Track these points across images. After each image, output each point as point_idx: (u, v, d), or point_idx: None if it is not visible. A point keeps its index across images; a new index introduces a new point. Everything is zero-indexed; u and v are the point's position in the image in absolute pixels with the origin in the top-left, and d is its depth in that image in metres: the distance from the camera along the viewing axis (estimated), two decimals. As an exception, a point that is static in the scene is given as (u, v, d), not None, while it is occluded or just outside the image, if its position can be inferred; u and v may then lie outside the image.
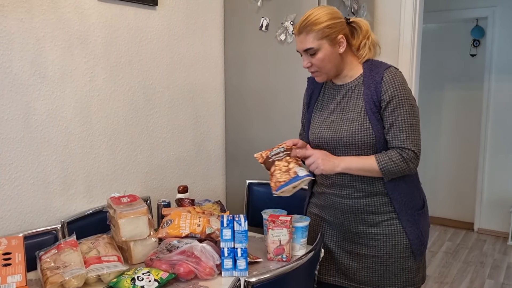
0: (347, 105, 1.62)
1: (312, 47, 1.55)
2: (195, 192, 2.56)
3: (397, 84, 1.54)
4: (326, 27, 1.54)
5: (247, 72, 2.58)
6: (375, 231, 1.65)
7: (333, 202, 1.70)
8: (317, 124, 1.70)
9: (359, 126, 1.57)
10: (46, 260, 1.50)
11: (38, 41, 1.80)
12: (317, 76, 1.63)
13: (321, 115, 1.71)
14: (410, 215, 1.64)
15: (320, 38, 1.54)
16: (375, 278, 1.68)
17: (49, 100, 1.86)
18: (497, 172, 4.43)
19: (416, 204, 1.67)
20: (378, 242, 1.65)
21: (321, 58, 1.56)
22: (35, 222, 1.85)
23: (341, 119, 1.62)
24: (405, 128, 1.53)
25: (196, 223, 1.75)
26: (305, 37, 1.55)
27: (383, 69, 1.57)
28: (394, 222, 1.63)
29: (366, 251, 1.68)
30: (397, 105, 1.53)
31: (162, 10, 2.29)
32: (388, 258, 1.65)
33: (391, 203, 1.62)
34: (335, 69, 1.60)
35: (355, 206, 1.65)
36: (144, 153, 2.27)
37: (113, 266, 1.53)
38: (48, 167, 1.87)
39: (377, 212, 1.64)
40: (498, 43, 4.29)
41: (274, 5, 2.41)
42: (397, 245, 1.64)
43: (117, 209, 1.71)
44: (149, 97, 2.27)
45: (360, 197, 1.64)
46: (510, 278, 3.53)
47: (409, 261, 1.65)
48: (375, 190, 1.62)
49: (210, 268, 1.55)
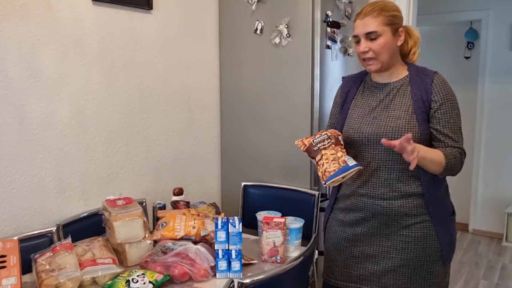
0: (392, 103, 1.64)
1: (376, 31, 1.57)
2: (190, 195, 2.57)
3: (447, 88, 1.61)
4: (392, 16, 1.59)
5: (242, 75, 2.59)
6: (407, 233, 1.62)
7: (364, 204, 1.66)
8: (356, 120, 1.69)
9: (406, 123, 1.58)
10: (41, 263, 1.51)
11: (33, 45, 1.81)
12: (371, 64, 1.62)
13: (361, 111, 1.70)
14: (443, 219, 1.63)
15: (386, 24, 1.57)
16: (401, 281, 1.64)
17: (45, 103, 1.87)
18: (491, 174, 4.45)
19: (447, 209, 1.67)
20: (408, 244, 1.62)
21: (382, 43, 1.57)
22: (31, 225, 1.85)
23: (386, 116, 1.63)
24: (457, 130, 1.62)
25: (191, 225, 1.76)
26: (371, 19, 1.57)
27: (432, 73, 1.63)
28: (427, 225, 1.61)
29: (395, 254, 1.64)
30: (450, 108, 1.60)
31: (157, 14, 2.31)
32: (417, 261, 1.62)
33: (425, 205, 1.61)
34: (389, 60, 1.62)
35: (389, 207, 1.62)
36: (139, 155, 2.28)
37: (108, 268, 1.54)
38: (43, 170, 1.88)
39: (410, 214, 1.61)
40: (491, 45, 4.32)
41: (269, 8, 2.42)
42: (428, 248, 1.61)
43: (112, 212, 1.71)
44: (144, 100, 2.28)
45: (395, 197, 1.61)
46: (505, 279, 3.55)
47: (437, 265, 1.63)
48: (411, 191, 1.61)
49: (205, 270, 1.56)
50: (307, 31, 2.30)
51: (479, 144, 4.47)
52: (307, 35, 2.30)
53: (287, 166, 2.46)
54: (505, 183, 4.39)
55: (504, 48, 4.27)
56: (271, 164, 2.52)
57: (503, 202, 4.40)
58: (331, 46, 2.38)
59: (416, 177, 1.60)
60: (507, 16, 4.21)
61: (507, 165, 4.36)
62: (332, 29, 2.36)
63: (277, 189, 2.41)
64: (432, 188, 1.61)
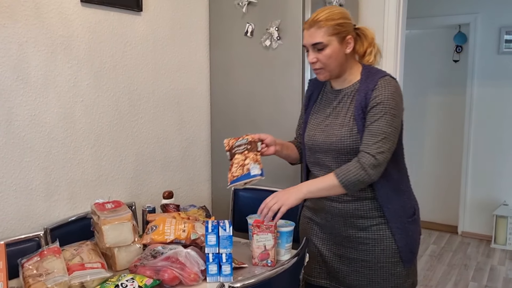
0: (342, 110, 1.64)
1: (321, 42, 1.56)
2: (180, 198, 2.55)
3: (387, 92, 1.54)
4: (338, 25, 1.56)
5: (232, 77, 2.59)
6: (364, 235, 1.66)
7: (324, 205, 1.72)
8: (312, 127, 1.72)
9: (348, 132, 1.59)
10: (29, 268, 1.49)
11: (21, 46, 1.78)
12: (320, 73, 1.63)
13: (317, 118, 1.73)
14: (400, 222, 1.64)
15: (331, 34, 1.56)
16: (364, 282, 1.69)
17: (32, 105, 1.84)
18: (480, 176, 4.49)
19: (406, 212, 1.68)
20: (367, 246, 1.66)
21: (329, 54, 1.57)
22: (18, 229, 1.82)
23: (334, 124, 1.64)
24: (377, 134, 1.53)
25: (181, 229, 1.74)
26: (316, 31, 1.56)
27: (378, 77, 1.58)
28: (382, 227, 1.64)
29: (356, 255, 1.69)
30: (379, 111, 1.54)
31: (147, 16, 2.29)
32: (376, 262, 1.66)
33: (380, 208, 1.63)
34: (338, 69, 1.61)
35: (345, 209, 1.66)
36: (128, 158, 2.26)
37: (96, 273, 1.52)
38: (30, 173, 1.86)
39: (366, 217, 1.65)
40: (480, 49, 4.36)
41: (259, 11, 2.42)
42: (386, 250, 1.65)
43: (101, 215, 1.69)
44: (133, 103, 2.26)
45: (350, 200, 1.65)
46: (493, 281, 3.58)
47: (397, 266, 1.66)
48: (364, 195, 1.63)
49: (195, 274, 1.55)
50: (297, 33, 2.30)
51: (468, 146, 4.50)
52: (297, 38, 2.30)
53: (277, 169, 2.45)
54: (494, 186, 4.43)
55: (492, 51, 4.31)
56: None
57: (492, 205, 4.44)
58: (321, 48, 2.38)
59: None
60: (495, 19, 4.26)
61: (496, 167, 4.41)
62: (323, 32, 2.36)
63: (267, 192, 2.36)
64: (385, 192, 1.62)
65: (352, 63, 1.65)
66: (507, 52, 4.24)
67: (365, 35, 1.65)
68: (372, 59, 1.66)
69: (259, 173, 1.63)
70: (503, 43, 4.24)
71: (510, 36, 4.21)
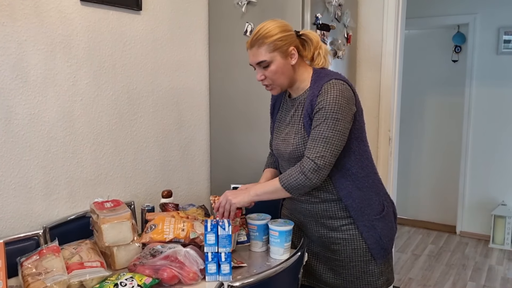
0: (296, 118, 1.66)
1: (264, 60, 1.57)
2: (179, 197, 2.55)
3: (330, 96, 1.53)
4: (277, 40, 1.56)
5: (231, 76, 2.59)
6: (335, 235, 1.70)
7: (296, 206, 1.77)
8: (275, 135, 1.77)
9: (301, 139, 1.61)
10: (28, 266, 1.48)
11: (20, 45, 1.78)
12: (271, 89, 1.66)
13: (279, 126, 1.77)
14: (367, 221, 1.66)
15: (272, 50, 1.56)
16: (339, 280, 1.73)
17: (31, 104, 1.84)
18: (478, 176, 4.50)
19: (374, 209, 1.68)
20: (338, 246, 1.70)
21: (274, 70, 1.58)
22: (17, 228, 1.82)
23: (291, 132, 1.66)
24: (318, 139, 1.54)
25: (180, 228, 1.74)
26: (257, 50, 1.57)
27: (324, 82, 1.57)
28: (351, 227, 1.68)
29: (330, 254, 1.73)
30: (320, 116, 1.54)
31: (146, 15, 2.29)
32: (349, 261, 1.69)
33: (346, 208, 1.66)
34: (288, 81, 1.63)
35: (314, 211, 1.71)
36: (127, 157, 2.26)
37: (96, 271, 1.52)
38: (30, 172, 1.86)
39: (334, 217, 1.68)
40: (478, 49, 4.37)
41: (259, 10, 2.42)
42: (357, 249, 1.68)
43: (100, 214, 1.69)
44: (133, 102, 2.26)
45: (317, 202, 1.69)
46: (491, 280, 3.59)
47: (370, 264, 1.69)
48: (329, 197, 1.67)
49: (194, 273, 1.55)
50: (297, 33, 2.30)
51: (466, 147, 4.51)
52: (297, 38, 2.30)
53: (276, 168, 2.45)
54: (492, 186, 4.44)
55: (491, 51, 4.32)
56: (260, 166, 2.51)
57: (490, 204, 4.45)
58: (320, 48, 2.38)
59: (330, 185, 1.65)
60: (494, 20, 4.27)
61: (494, 167, 4.41)
62: (322, 31, 2.37)
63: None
64: (349, 192, 1.64)
65: (302, 70, 1.65)
66: (506, 52, 4.24)
67: (310, 40, 1.66)
68: (322, 62, 1.67)
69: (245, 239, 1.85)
70: (502, 44, 4.24)
71: (509, 36, 4.22)
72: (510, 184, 4.32)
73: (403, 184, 4.82)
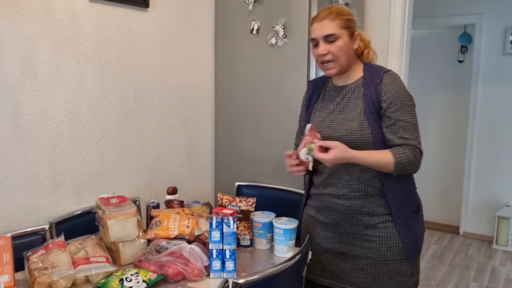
0: (347, 105, 1.68)
1: (334, 34, 1.60)
2: (184, 194, 2.56)
3: (397, 86, 1.61)
4: (349, 20, 1.63)
5: (237, 74, 2.59)
6: (371, 233, 1.67)
7: (330, 203, 1.73)
8: (316, 123, 1.74)
9: (358, 125, 1.62)
10: (34, 261, 1.50)
11: (29, 41, 1.80)
12: (330, 67, 1.65)
13: (320, 115, 1.76)
14: (404, 219, 1.66)
15: (343, 27, 1.61)
16: (369, 280, 1.70)
17: (39, 100, 1.85)
18: (483, 177, 4.49)
19: (411, 208, 1.70)
20: (373, 244, 1.68)
21: (340, 46, 1.61)
22: (23, 222, 1.84)
23: (341, 119, 1.67)
24: (409, 127, 1.59)
25: (185, 225, 1.76)
26: (329, 22, 1.60)
27: (382, 72, 1.64)
28: (389, 225, 1.66)
29: (361, 253, 1.70)
30: (400, 106, 1.59)
31: (153, 12, 2.30)
32: (382, 260, 1.67)
33: (387, 205, 1.65)
34: (347, 63, 1.65)
35: (351, 206, 1.68)
36: (133, 154, 2.28)
37: (101, 267, 1.54)
38: (37, 167, 1.87)
39: (373, 214, 1.66)
40: (485, 49, 4.35)
41: (265, 9, 2.43)
42: (392, 248, 1.66)
43: (106, 210, 1.71)
44: (139, 99, 2.28)
45: (357, 197, 1.66)
46: (494, 281, 3.58)
47: (403, 264, 1.68)
48: (372, 191, 1.65)
49: (199, 269, 1.56)
50: (303, 32, 2.31)
51: (471, 147, 4.50)
52: (303, 36, 2.31)
53: (281, 167, 2.45)
54: (496, 187, 4.43)
55: (497, 52, 4.30)
56: (265, 164, 2.52)
57: (494, 206, 4.44)
58: (327, 47, 2.39)
59: (377, 178, 1.64)
60: (500, 21, 4.25)
61: (498, 168, 4.40)
62: (328, 30, 2.37)
63: (271, 190, 2.42)
64: (393, 187, 1.64)
65: (355, 60, 1.70)
66: (512, 53, 4.23)
67: (363, 39, 1.72)
68: (371, 57, 1.74)
69: (248, 244, 1.88)
70: (508, 44, 4.23)
71: (515, 37, 4.20)
72: (514, 185, 4.32)
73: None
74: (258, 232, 1.87)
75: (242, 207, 1.89)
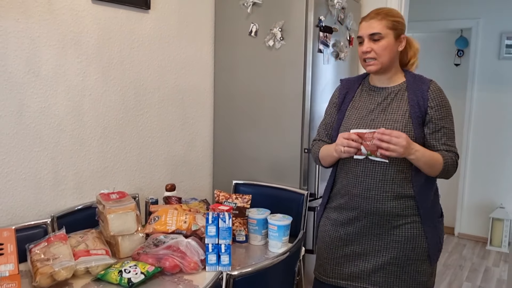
0: (389, 107, 1.69)
1: (379, 32, 1.64)
2: (182, 191, 2.62)
3: (443, 95, 1.68)
4: (396, 21, 1.67)
5: (236, 75, 2.65)
6: (397, 233, 1.67)
7: (357, 204, 1.70)
8: (354, 121, 1.74)
9: (402, 127, 1.64)
10: (36, 252, 1.56)
11: (33, 41, 1.86)
12: (371, 64, 1.68)
13: (359, 113, 1.75)
14: (431, 221, 1.69)
15: (390, 27, 1.65)
16: (391, 279, 1.69)
17: (42, 98, 1.91)
18: (477, 179, 4.55)
19: (437, 211, 1.74)
20: (398, 244, 1.67)
21: (384, 45, 1.65)
22: (26, 216, 1.90)
23: (383, 119, 1.68)
24: (451, 135, 1.67)
25: (183, 220, 1.81)
26: (376, 21, 1.65)
27: (428, 80, 1.70)
28: (416, 226, 1.67)
29: (385, 253, 1.69)
30: (445, 114, 1.66)
31: (154, 14, 2.36)
32: (406, 260, 1.67)
33: (416, 206, 1.66)
34: (389, 63, 1.68)
35: (382, 207, 1.66)
36: (133, 151, 2.33)
37: (101, 259, 1.59)
38: (39, 163, 1.93)
39: (402, 215, 1.66)
40: (481, 53, 4.41)
41: (264, 12, 2.48)
42: (416, 248, 1.67)
43: (106, 205, 1.76)
44: (139, 98, 2.33)
45: (388, 198, 1.65)
46: (487, 281, 3.64)
47: (424, 264, 1.69)
48: (404, 193, 1.65)
49: (195, 262, 1.62)
50: (300, 35, 2.36)
51: (466, 149, 4.56)
52: (300, 39, 2.36)
53: (277, 166, 2.52)
54: (491, 189, 4.49)
55: (493, 56, 4.36)
56: (262, 163, 2.58)
57: (488, 207, 4.49)
58: (323, 50, 2.45)
59: (409, 180, 1.64)
60: (496, 25, 4.31)
61: (493, 171, 4.46)
62: (325, 33, 2.43)
63: (267, 188, 2.47)
64: (423, 190, 1.66)
65: (398, 65, 1.74)
66: (508, 57, 4.28)
67: (411, 45, 1.75)
68: (413, 69, 1.78)
69: (244, 239, 1.94)
70: (504, 48, 4.28)
71: (511, 41, 4.26)
72: (508, 187, 4.37)
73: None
74: (253, 228, 1.92)
75: (238, 204, 1.95)
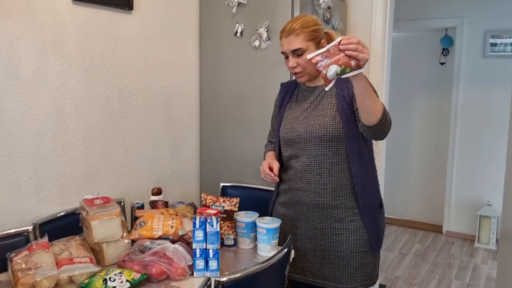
0: (320, 104, 1.78)
1: (300, 48, 1.69)
2: (169, 195, 2.58)
3: None
4: (313, 31, 1.70)
5: (222, 76, 2.62)
6: (339, 226, 1.76)
7: (300, 198, 1.81)
8: (290, 121, 1.84)
9: (331, 120, 1.71)
10: (17, 262, 1.51)
11: (12, 43, 1.80)
12: (300, 76, 1.77)
13: (294, 113, 1.85)
14: (370, 212, 1.77)
15: (308, 40, 1.69)
16: (337, 273, 1.79)
17: (22, 102, 1.86)
18: (464, 177, 4.57)
19: (376, 202, 1.82)
20: (341, 237, 1.76)
21: (307, 59, 1.62)
22: (6, 224, 1.84)
23: (314, 115, 1.77)
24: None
25: (169, 225, 1.77)
26: (294, 38, 1.69)
27: None
28: (356, 218, 1.76)
29: (330, 247, 1.78)
30: None
31: (137, 14, 2.31)
32: (349, 252, 1.76)
33: (356, 199, 1.75)
34: (316, 71, 1.70)
35: (321, 200, 1.77)
36: (118, 155, 2.29)
37: (85, 267, 1.55)
38: (20, 168, 1.87)
39: (341, 207, 1.76)
40: (466, 52, 4.44)
41: (249, 12, 2.46)
42: (358, 240, 1.76)
43: (90, 211, 1.72)
44: (123, 100, 2.29)
45: (327, 190, 1.75)
46: (476, 279, 3.65)
47: (367, 256, 1.78)
48: (342, 185, 1.74)
49: (182, 268, 1.58)
50: (286, 34, 2.34)
51: (453, 147, 4.58)
52: (286, 39, 2.34)
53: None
54: (478, 186, 4.52)
55: (477, 55, 4.39)
56: (250, 165, 2.55)
57: (476, 205, 4.52)
58: (309, 50, 2.42)
59: (346, 171, 1.74)
60: (481, 23, 4.34)
61: (480, 168, 4.49)
62: (311, 33, 2.40)
63: (255, 190, 2.44)
64: (362, 182, 1.74)
65: None
66: (492, 55, 4.32)
67: (333, 39, 1.75)
68: None
69: (232, 243, 1.89)
70: (488, 47, 4.32)
71: (495, 40, 4.29)
72: (495, 185, 4.40)
73: (391, 184, 4.88)
74: (242, 231, 1.89)
75: (226, 207, 1.92)
